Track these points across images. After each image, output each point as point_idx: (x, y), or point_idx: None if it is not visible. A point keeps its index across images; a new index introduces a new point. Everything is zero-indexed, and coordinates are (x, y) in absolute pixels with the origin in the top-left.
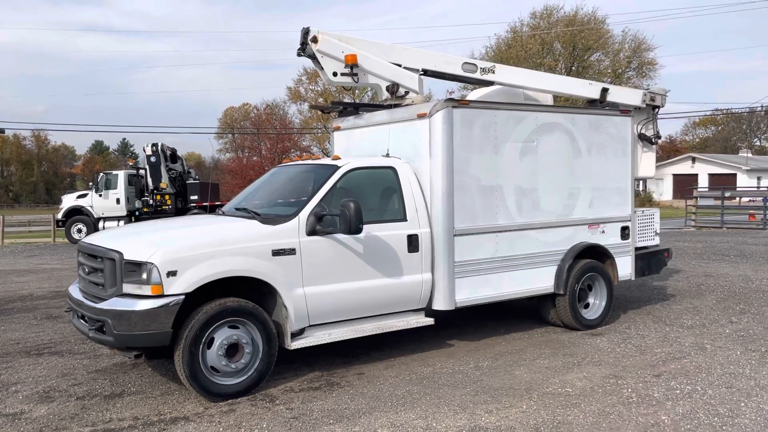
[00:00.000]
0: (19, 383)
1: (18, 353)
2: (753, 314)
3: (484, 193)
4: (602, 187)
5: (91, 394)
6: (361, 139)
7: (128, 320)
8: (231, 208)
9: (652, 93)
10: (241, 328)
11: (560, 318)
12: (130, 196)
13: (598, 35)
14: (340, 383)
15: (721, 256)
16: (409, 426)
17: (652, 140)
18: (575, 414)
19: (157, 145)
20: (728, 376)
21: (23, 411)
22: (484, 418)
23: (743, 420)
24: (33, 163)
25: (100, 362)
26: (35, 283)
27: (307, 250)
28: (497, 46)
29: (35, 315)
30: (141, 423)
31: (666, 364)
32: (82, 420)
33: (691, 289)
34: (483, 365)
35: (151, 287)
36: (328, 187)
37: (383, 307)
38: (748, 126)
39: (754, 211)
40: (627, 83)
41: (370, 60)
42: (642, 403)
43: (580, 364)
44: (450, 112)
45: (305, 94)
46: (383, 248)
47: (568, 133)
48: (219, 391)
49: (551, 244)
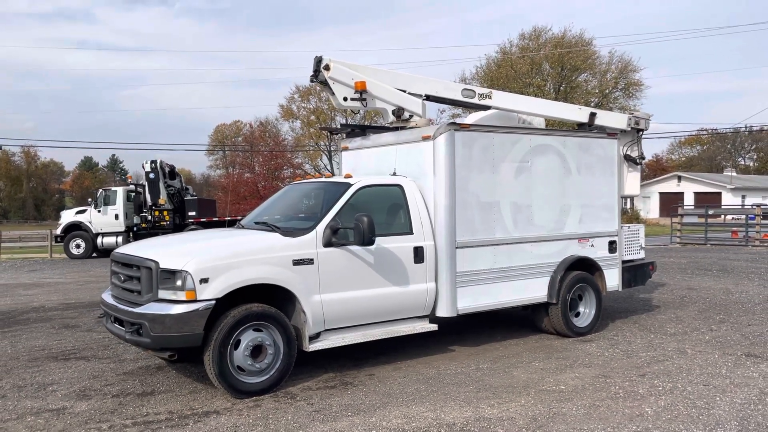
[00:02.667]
0: (55, 384)
1: (46, 358)
2: (731, 323)
3: (483, 208)
4: (591, 204)
5: (125, 393)
6: (368, 158)
7: (164, 323)
8: (250, 222)
9: (637, 117)
10: (264, 331)
11: (553, 326)
12: (128, 212)
13: (586, 56)
14: (353, 383)
15: (704, 271)
16: (420, 417)
17: (636, 161)
18: (569, 407)
19: (156, 161)
20: (706, 376)
21: (65, 407)
22: (487, 410)
23: (718, 411)
24: (22, 179)
25: (126, 366)
26: (43, 296)
27: (324, 260)
28: (487, 66)
29: (52, 325)
30: (176, 416)
31: (650, 365)
32: (122, 414)
33: (674, 300)
34: (483, 367)
35: (185, 293)
36: (342, 202)
37: (391, 314)
38: (733, 146)
39: (737, 229)
40: (614, 103)
41: (378, 86)
42: (628, 398)
43: (572, 366)
44: (452, 134)
45: (297, 112)
46: (392, 259)
47: (559, 155)
48: (244, 389)
49: (545, 257)
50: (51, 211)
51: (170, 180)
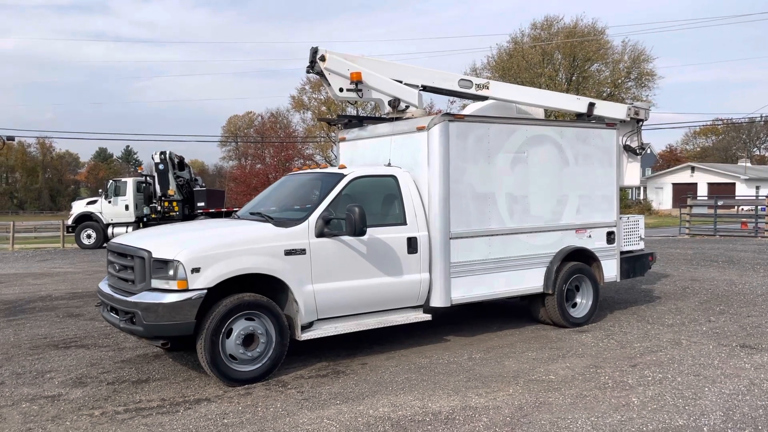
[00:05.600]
0: (53, 371)
1: (47, 346)
2: (731, 314)
3: (478, 199)
4: (589, 195)
5: (120, 380)
6: (364, 149)
7: (156, 312)
8: (246, 213)
9: (636, 107)
10: (257, 320)
11: (549, 316)
12: (138, 203)
13: (598, 46)
14: (346, 371)
15: (710, 262)
16: (407, 406)
17: (636, 151)
18: (555, 396)
19: (165, 153)
20: (698, 366)
21: (61, 394)
22: (474, 399)
23: (705, 401)
24: (38, 170)
25: (124, 354)
26: (51, 285)
27: (316, 250)
28: (498, 56)
29: (57, 314)
30: (168, 403)
31: (643, 356)
32: (115, 401)
33: (676, 291)
34: (476, 357)
35: (177, 282)
36: (335, 193)
37: (385, 304)
38: (748, 136)
39: (746, 220)
40: (626, 93)
41: (374, 77)
42: (616, 388)
43: (564, 356)
44: (446, 125)
45: (308, 103)
46: (385, 249)
47: (556, 145)
48: (236, 377)
49: (541, 247)
50: (66, 201)
51: (179, 171)
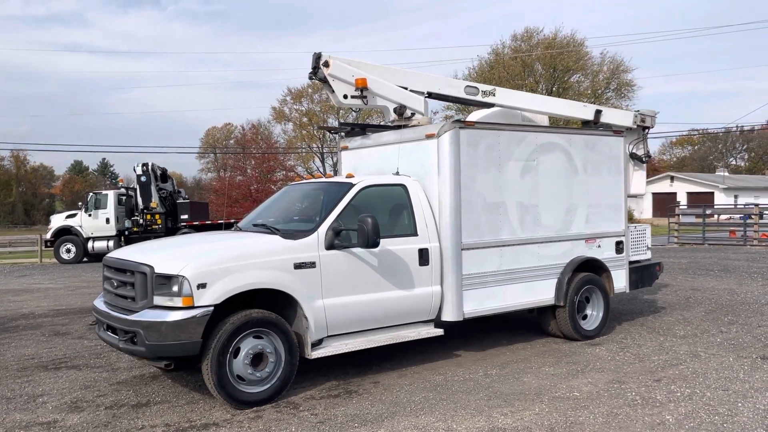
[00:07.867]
0: (45, 395)
1: (36, 368)
2: (741, 324)
3: (489, 209)
4: (598, 204)
5: (119, 404)
6: (369, 158)
7: (160, 331)
8: (248, 224)
9: (642, 114)
10: (265, 338)
11: (560, 329)
12: (119, 216)
13: (578, 57)
14: (358, 391)
15: (706, 271)
16: (431, 428)
17: (642, 159)
18: (585, 415)
19: (147, 164)
20: (724, 380)
21: (56, 420)
22: (500, 420)
23: (742, 418)
24: (11, 183)
25: (119, 375)
26: (33, 302)
27: (326, 263)
28: (480, 67)
29: (42, 332)
30: (173, 428)
31: (664, 370)
32: (116, 427)
33: (680, 302)
34: (492, 373)
35: (182, 299)
36: (345, 203)
37: (396, 318)
38: (724, 146)
39: (735, 228)
40: (606, 104)
41: (379, 83)
42: (646, 405)
43: (583, 371)
44: (457, 132)
45: (290, 114)
46: (396, 262)
47: (565, 153)
48: (245, 399)
49: (551, 258)
50: (41, 215)
51: (162, 183)
